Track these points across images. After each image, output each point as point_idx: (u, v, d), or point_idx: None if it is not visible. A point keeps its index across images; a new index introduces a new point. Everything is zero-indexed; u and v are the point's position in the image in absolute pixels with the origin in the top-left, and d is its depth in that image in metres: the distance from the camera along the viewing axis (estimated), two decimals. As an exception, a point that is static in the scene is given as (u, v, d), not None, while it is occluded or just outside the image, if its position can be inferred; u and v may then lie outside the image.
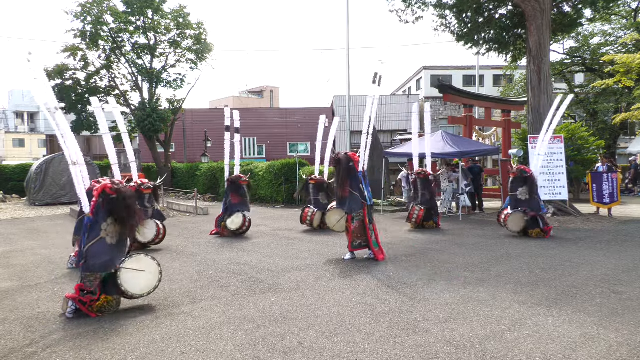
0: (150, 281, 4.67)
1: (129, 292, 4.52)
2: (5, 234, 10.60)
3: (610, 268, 6.16)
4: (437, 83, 14.89)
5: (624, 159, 28.66)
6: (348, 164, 6.93)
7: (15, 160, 35.12)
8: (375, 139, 16.32)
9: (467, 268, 6.27)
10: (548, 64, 12.69)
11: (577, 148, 15.52)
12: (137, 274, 4.58)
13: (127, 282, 4.51)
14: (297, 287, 5.39)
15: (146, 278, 4.64)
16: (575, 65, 24.22)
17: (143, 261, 4.68)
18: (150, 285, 4.68)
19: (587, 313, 4.31)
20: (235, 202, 9.66)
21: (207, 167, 21.13)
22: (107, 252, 4.46)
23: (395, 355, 3.45)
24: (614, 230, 9.69)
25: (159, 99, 22.13)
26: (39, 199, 17.95)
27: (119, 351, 3.61)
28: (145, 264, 4.68)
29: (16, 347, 3.76)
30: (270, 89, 53.01)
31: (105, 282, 4.51)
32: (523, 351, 3.46)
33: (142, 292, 4.63)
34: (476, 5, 13.60)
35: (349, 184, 6.92)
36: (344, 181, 6.90)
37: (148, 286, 4.66)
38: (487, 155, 17.67)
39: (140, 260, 4.66)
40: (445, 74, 33.44)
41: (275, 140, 33.59)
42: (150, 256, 4.78)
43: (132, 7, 20.19)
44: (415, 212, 9.99)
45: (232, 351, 3.57)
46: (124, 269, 4.51)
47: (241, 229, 9.44)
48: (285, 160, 17.04)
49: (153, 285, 4.69)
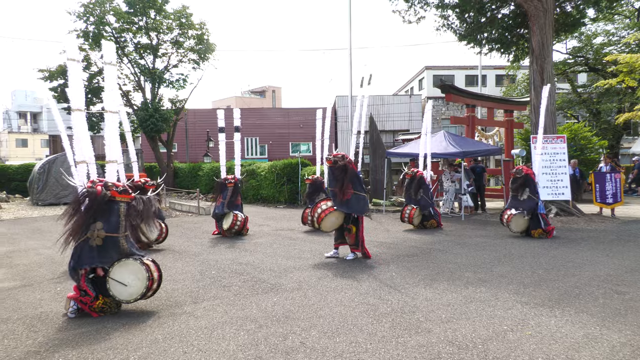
0: (137, 288, 4.45)
1: (116, 298, 4.45)
2: (8, 234, 10.63)
3: (613, 268, 6.14)
4: (439, 83, 14.88)
5: (627, 159, 28.58)
6: (347, 165, 6.89)
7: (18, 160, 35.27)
8: (378, 139, 16.34)
9: (469, 268, 6.26)
10: (551, 63, 12.66)
11: (579, 148, 15.47)
12: (123, 280, 4.43)
13: (114, 288, 4.43)
14: (299, 287, 5.39)
15: (133, 285, 4.46)
16: (578, 65, 24.15)
17: (129, 267, 4.48)
18: (137, 292, 4.45)
19: (589, 313, 4.29)
20: (218, 203, 9.69)
21: (209, 167, 21.16)
22: (88, 252, 4.38)
23: (397, 355, 3.44)
24: (617, 230, 9.66)
25: (161, 99, 22.15)
26: (41, 199, 18.01)
27: (121, 351, 3.62)
28: (131, 271, 4.47)
29: (19, 346, 3.77)
30: (273, 89, 53.03)
31: (99, 284, 4.49)
32: (525, 351, 3.45)
33: (129, 299, 4.47)
34: (478, 5, 13.57)
35: (352, 186, 6.89)
36: (347, 183, 6.83)
37: (135, 293, 4.45)
38: (490, 155, 17.64)
39: (127, 266, 4.48)
40: (447, 73, 33.39)
41: (277, 141, 33.60)
42: (138, 261, 4.52)
43: (134, 8, 20.22)
44: (407, 211, 10.10)
45: (234, 351, 3.57)
46: (110, 278, 4.42)
47: (232, 228, 9.42)
48: (288, 160, 17.04)
49: (140, 292, 4.45)
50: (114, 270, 4.45)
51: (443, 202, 13.27)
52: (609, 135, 23.12)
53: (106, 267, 4.44)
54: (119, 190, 4.50)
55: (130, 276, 4.48)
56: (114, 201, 4.47)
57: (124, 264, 4.49)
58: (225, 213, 9.52)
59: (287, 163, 16.62)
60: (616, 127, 22.95)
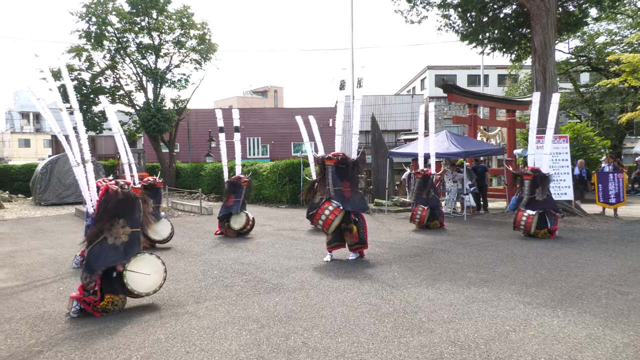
0: (155, 280, 4.70)
1: (135, 291, 4.54)
2: (11, 234, 10.66)
3: (616, 268, 6.12)
4: (441, 83, 14.88)
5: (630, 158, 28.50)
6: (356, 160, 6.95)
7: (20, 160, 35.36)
8: (380, 138, 16.33)
9: (471, 268, 6.25)
10: (553, 63, 12.63)
11: (582, 148, 15.44)
12: (144, 272, 4.61)
13: (133, 281, 4.53)
14: (301, 287, 5.39)
15: (152, 277, 4.68)
16: (580, 65, 24.11)
17: (147, 260, 4.70)
18: (156, 284, 4.71)
19: (592, 314, 4.28)
20: (229, 204, 9.52)
21: (211, 167, 21.19)
22: (108, 253, 4.44)
23: (399, 355, 3.44)
24: (620, 230, 9.63)
25: (163, 99, 22.19)
26: (44, 199, 18.07)
27: (123, 350, 3.63)
28: (150, 264, 4.70)
29: (22, 345, 3.78)
30: (275, 89, 53.11)
31: (111, 281, 4.52)
32: (528, 352, 3.44)
33: (148, 291, 4.66)
34: (481, 4, 13.56)
35: (351, 184, 6.92)
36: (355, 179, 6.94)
37: (154, 285, 4.70)
38: (492, 155, 17.62)
39: (144, 260, 4.68)
40: (449, 73, 33.35)
41: (279, 141, 33.64)
42: (154, 255, 4.81)
43: (136, 8, 20.26)
44: (418, 212, 9.97)
45: (236, 351, 3.57)
46: (129, 271, 4.52)
47: (244, 228, 9.45)
48: (290, 160, 17.06)
49: (158, 283, 4.73)
50: (131, 265, 4.56)
51: (445, 202, 13.25)
52: (611, 135, 23.06)
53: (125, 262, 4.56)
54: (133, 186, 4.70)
55: (150, 269, 4.67)
56: (136, 198, 4.63)
57: (140, 258, 4.64)
58: (238, 213, 9.47)
59: (289, 163, 16.63)
60: (619, 127, 22.91)
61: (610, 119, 23.99)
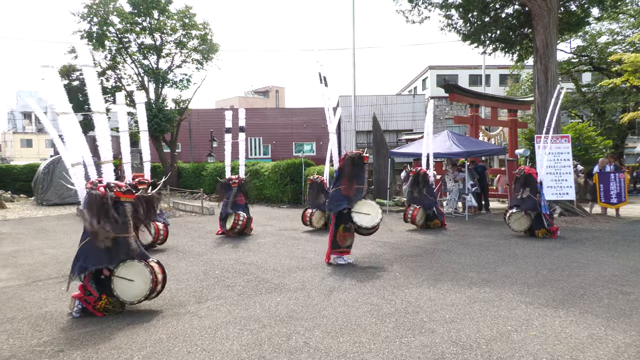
0: (141, 289, 4.43)
1: (120, 298, 4.44)
2: (13, 234, 10.68)
3: (617, 268, 6.11)
4: (443, 82, 14.87)
5: (632, 158, 28.45)
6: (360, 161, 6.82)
7: (23, 160, 35.47)
8: (381, 138, 16.33)
9: (473, 268, 6.24)
10: (555, 63, 12.62)
11: (584, 147, 15.41)
12: (128, 281, 4.43)
13: (119, 287, 4.42)
14: (302, 287, 5.39)
15: (137, 286, 4.45)
16: (582, 65, 24.05)
17: (135, 268, 4.48)
18: (141, 294, 4.44)
19: (594, 314, 4.28)
20: (223, 203, 9.74)
21: (213, 167, 21.21)
22: (97, 254, 4.37)
23: (401, 355, 3.44)
24: (622, 230, 9.61)
25: (165, 99, 22.23)
26: (46, 199, 18.09)
27: (125, 350, 3.63)
28: (136, 272, 4.46)
29: (24, 345, 3.79)
30: (276, 89, 53.10)
31: (102, 283, 4.50)
32: (530, 352, 3.44)
33: (133, 300, 4.46)
34: (482, 4, 13.54)
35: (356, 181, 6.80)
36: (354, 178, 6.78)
37: (139, 294, 4.44)
38: (494, 155, 17.59)
39: (133, 267, 4.47)
40: (451, 73, 33.30)
41: (280, 140, 33.64)
42: (143, 263, 4.52)
43: (138, 8, 20.29)
44: (410, 211, 10.08)
45: (237, 351, 3.58)
46: (115, 277, 4.42)
47: (233, 227, 9.43)
48: (291, 160, 17.06)
49: (144, 294, 4.44)
50: (119, 271, 4.44)
51: (447, 202, 13.24)
52: (613, 134, 23.02)
53: (111, 267, 4.44)
54: (123, 190, 4.50)
55: (135, 277, 4.46)
56: (119, 202, 4.46)
57: (129, 265, 4.48)
58: (229, 213, 9.54)
59: (290, 163, 16.64)
60: (621, 127, 22.86)
61: (612, 118, 23.94)
